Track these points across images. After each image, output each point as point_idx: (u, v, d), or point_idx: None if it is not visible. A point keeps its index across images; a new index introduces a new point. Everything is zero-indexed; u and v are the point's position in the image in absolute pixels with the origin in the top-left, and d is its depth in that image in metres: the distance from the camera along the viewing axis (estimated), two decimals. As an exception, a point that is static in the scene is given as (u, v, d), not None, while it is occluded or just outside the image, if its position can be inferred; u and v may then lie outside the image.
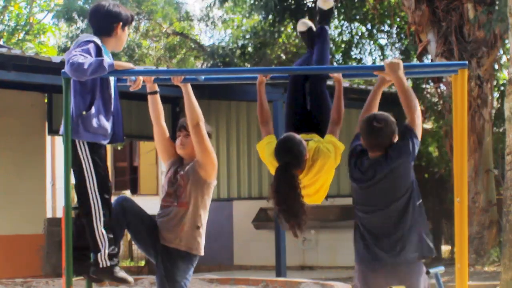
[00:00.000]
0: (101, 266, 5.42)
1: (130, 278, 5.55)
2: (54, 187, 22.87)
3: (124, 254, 21.52)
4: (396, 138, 5.23)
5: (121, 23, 5.67)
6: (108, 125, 5.54)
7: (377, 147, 5.22)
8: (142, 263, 18.88)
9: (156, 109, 5.81)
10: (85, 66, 5.22)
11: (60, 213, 19.73)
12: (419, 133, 5.24)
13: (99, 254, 5.40)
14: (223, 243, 16.82)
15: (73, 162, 5.43)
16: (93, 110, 5.44)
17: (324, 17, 6.29)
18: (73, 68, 5.24)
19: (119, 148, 23.29)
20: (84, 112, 5.40)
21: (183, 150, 5.81)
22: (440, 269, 5.44)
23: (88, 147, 5.43)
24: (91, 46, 5.43)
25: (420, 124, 5.26)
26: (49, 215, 18.29)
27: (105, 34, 5.65)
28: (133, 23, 5.92)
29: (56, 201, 22.53)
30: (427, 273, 5.34)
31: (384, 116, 5.24)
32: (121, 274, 5.48)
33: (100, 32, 5.65)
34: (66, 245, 5.31)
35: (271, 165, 5.54)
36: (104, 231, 5.39)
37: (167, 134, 5.90)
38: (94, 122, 5.43)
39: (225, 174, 17.04)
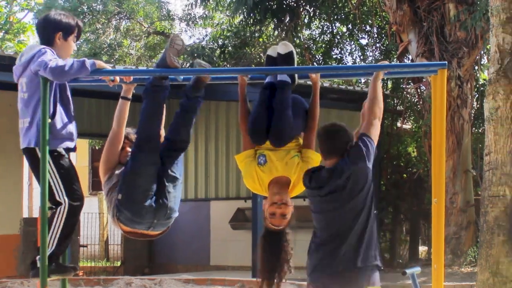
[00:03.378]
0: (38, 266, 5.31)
1: (68, 274, 5.43)
2: (31, 187, 22.73)
3: (100, 254, 21.42)
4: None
5: (60, 33, 5.40)
6: (73, 127, 5.41)
7: (333, 152, 5.16)
8: (118, 263, 18.76)
9: (124, 114, 5.67)
10: (66, 68, 5.08)
11: (36, 213, 19.60)
12: (374, 138, 5.17)
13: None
14: (200, 243, 16.77)
15: (36, 171, 5.31)
16: (57, 116, 5.31)
17: (287, 61, 5.60)
18: (54, 71, 5.08)
19: (97, 148, 23.16)
20: (49, 120, 5.24)
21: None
22: (416, 269, 5.44)
23: (52, 154, 5.28)
24: (49, 53, 5.23)
25: (376, 130, 5.20)
26: (25, 215, 18.15)
27: (46, 44, 5.39)
28: (80, 34, 5.60)
29: (32, 201, 22.41)
30: (403, 273, 5.33)
31: (341, 124, 5.25)
32: (60, 269, 5.38)
33: (43, 42, 5.42)
34: (41, 245, 5.25)
35: (251, 184, 5.60)
36: (58, 236, 5.31)
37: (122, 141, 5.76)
38: (60, 127, 5.32)
39: (203, 174, 16.95)
